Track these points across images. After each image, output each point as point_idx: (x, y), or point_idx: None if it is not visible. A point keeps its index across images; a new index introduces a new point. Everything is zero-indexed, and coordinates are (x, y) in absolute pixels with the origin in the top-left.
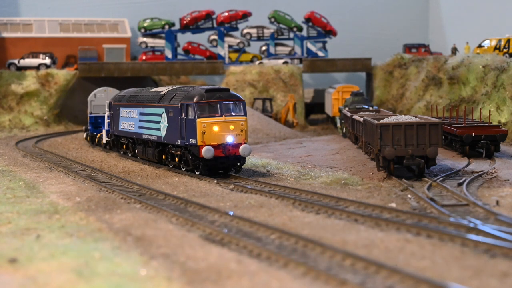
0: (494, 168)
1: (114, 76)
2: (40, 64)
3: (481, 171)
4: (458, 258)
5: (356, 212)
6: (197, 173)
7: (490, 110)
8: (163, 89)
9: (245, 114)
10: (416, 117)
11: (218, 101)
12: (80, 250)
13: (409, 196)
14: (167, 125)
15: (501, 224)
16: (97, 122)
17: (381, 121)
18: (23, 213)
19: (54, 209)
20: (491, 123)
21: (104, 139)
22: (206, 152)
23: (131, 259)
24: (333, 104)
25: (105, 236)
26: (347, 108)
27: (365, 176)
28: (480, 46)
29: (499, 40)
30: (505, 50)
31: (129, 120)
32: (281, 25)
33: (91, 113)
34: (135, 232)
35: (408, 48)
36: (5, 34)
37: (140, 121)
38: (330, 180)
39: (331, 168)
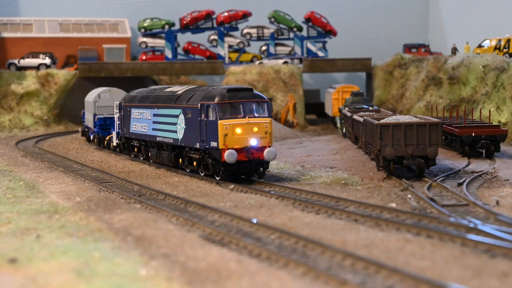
0: (494, 168)
1: (114, 76)
2: (40, 64)
3: (481, 171)
4: (458, 258)
5: (356, 212)
6: (217, 178)
7: (490, 110)
8: (179, 89)
9: (269, 115)
10: (416, 117)
11: (241, 101)
12: (80, 250)
13: (409, 196)
14: (184, 127)
15: (501, 224)
16: (106, 124)
17: (381, 121)
18: (23, 213)
19: (54, 209)
20: (491, 123)
21: (114, 142)
22: (229, 156)
23: (131, 259)
24: (333, 104)
25: (105, 236)
26: (347, 108)
27: (365, 176)
28: (480, 46)
29: (499, 40)
30: (505, 50)
31: (142, 122)
32: (281, 25)
33: (95, 114)
34: (135, 232)
35: (408, 48)
36: (5, 34)
37: (154, 122)
38: (330, 180)
39: (331, 168)
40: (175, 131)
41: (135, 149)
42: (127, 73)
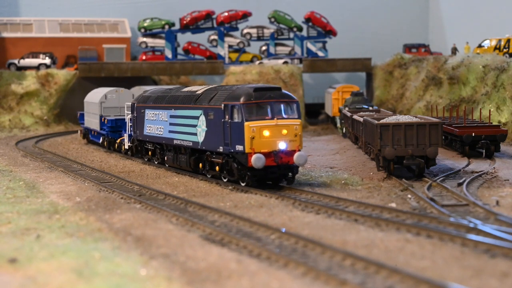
0: (494, 168)
1: (114, 76)
2: (40, 64)
3: (481, 171)
4: (458, 258)
5: (356, 212)
6: (243, 184)
7: (490, 110)
8: (198, 88)
9: (299, 117)
10: (416, 117)
11: (269, 101)
12: (80, 250)
13: (409, 196)
14: (205, 129)
15: (501, 224)
16: (116, 126)
17: (381, 121)
18: (23, 213)
19: (54, 209)
20: (491, 123)
21: (126, 145)
22: (257, 160)
23: (131, 259)
24: (333, 104)
25: (105, 236)
26: (347, 108)
27: (365, 176)
28: (480, 46)
29: (499, 40)
30: (505, 50)
31: (157, 124)
32: (281, 25)
33: (102, 115)
34: (135, 232)
35: (408, 48)
36: (5, 34)
37: (171, 124)
38: (330, 180)
39: (331, 168)
40: (195, 134)
41: (149, 153)
42: (127, 73)
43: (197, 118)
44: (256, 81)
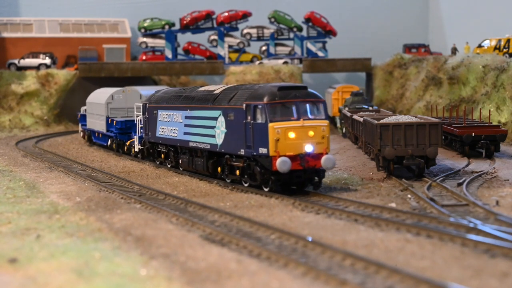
0: (494, 168)
1: (114, 76)
2: (40, 64)
3: (481, 171)
4: (458, 258)
5: (356, 212)
6: (266, 189)
7: (490, 110)
8: (216, 88)
9: (326, 118)
10: (416, 117)
11: (294, 101)
12: (80, 250)
13: (409, 196)
14: (225, 130)
15: (501, 224)
16: (126, 128)
17: (381, 121)
18: (23, 213)
19: (54, 209)
20: (491, 123)
21: (136, 147)
22: (282, 164)
23: (131, 259)
24: (333, 104)
25: (105, 236)
26: (347, 108)
27: (365, 176)
28: (480, 46)
29: (499, 40)
30: (505, 50)
31: (171, 125)
32: (281, 25)
33: (108, 117)
34: (135, 232)
35: (408, 48)
36: (5, 34)
37: (186, 126)
38: (330, 180)
39: None
40: (213, 136)
41: (162, 156)
42: (127, 73)
43: (215, 119)
44: (256, 81)
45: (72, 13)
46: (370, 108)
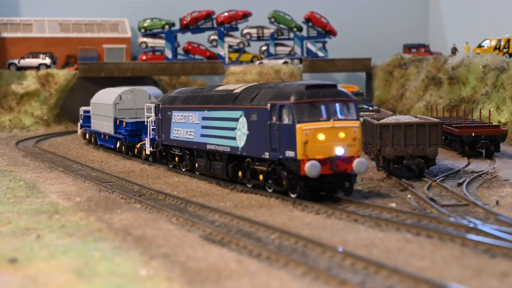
0: (494, 168)
1: (114, 76)
2: (40, 64)
3: (481, 171)
4: (458, 258)
5: (356, 212)
6: (293, 196)
7: (490, 110)
8: (236, 87)
9: (357, 118)
10: (416, 117)
11: (323, 100)
12: (80, 250)
13: (409, 196)
14: (247, 132)
15: (501, 224)
16: (137, 129)
17: (381, 121)
18: (23, 213)
19: (54, 209)
20: (491, 123)
21: (148, 150)
22: (311, 168)
23: (131, 259)
24: None
25: (105, 236)
26: None
27: (365, 176)
28: (480, 46)
29: (499, 40)
30: (505, 50)
31: (186, 127)
32: (281, 25)
33: (116, 118)
34: (135, 232)
35: (408, 48)
36: (5, 34)
37: (204, 127)
38: None
39: None
40: (234, 138)
41: (176, 159)
42: (127, 73)
43: (236, 120)
44: (256, 81)
45: (72, 13)
46: (370, 108)
